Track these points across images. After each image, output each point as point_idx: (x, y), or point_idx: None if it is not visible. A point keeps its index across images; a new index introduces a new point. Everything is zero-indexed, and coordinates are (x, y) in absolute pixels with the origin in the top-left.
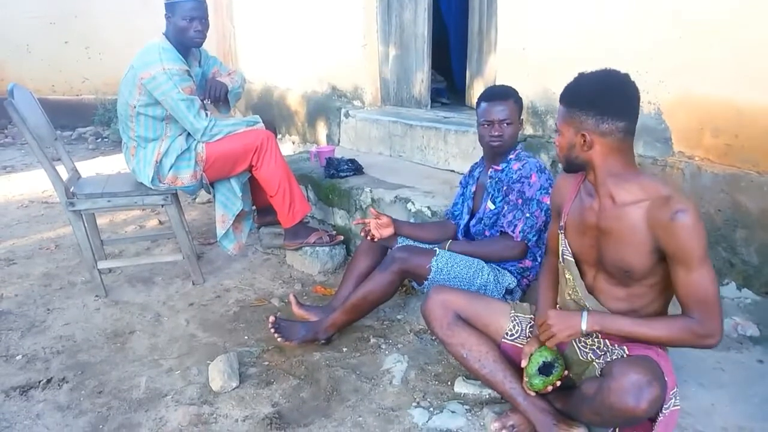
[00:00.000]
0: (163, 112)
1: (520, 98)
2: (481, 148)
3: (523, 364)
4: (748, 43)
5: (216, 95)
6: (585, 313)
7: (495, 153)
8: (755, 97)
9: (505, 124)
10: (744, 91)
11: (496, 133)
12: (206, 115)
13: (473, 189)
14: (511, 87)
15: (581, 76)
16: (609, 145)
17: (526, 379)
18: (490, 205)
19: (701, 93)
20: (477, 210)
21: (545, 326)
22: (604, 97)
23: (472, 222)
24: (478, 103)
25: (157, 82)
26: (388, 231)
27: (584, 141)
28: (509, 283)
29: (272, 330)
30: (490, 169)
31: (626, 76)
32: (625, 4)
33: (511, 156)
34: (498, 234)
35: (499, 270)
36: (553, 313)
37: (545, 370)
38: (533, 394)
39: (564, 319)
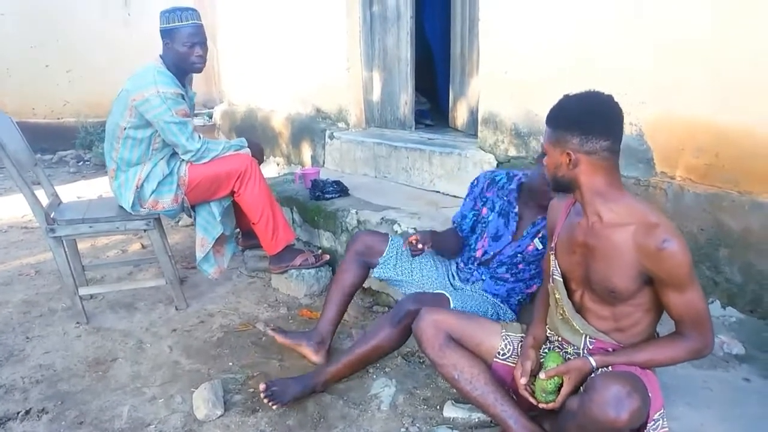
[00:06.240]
0: (151, 136)
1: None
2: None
3: (543, 376)
4: (727, 64)
5: None
6: (590, 359)
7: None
8: (734, 118)
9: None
10: (723, 111)
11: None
12: (199, 137)
13: (516, 210)
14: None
15: (566, 98)
16: (594, 164)
17: (543, 395)
18: (538, 244)
19: (682, 114)
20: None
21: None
22: (588, 117)
23: (507, 250)
24: None
25: (151, 104)
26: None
27: (569, 159)
28: (508, 319)
29: (265, 399)
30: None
31: (609, 97)
32: (606, 27)
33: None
34: (533, 271)
35: (500, 306)
36: (568, 377)
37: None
38: (543, 406)
39: (575, 369)
